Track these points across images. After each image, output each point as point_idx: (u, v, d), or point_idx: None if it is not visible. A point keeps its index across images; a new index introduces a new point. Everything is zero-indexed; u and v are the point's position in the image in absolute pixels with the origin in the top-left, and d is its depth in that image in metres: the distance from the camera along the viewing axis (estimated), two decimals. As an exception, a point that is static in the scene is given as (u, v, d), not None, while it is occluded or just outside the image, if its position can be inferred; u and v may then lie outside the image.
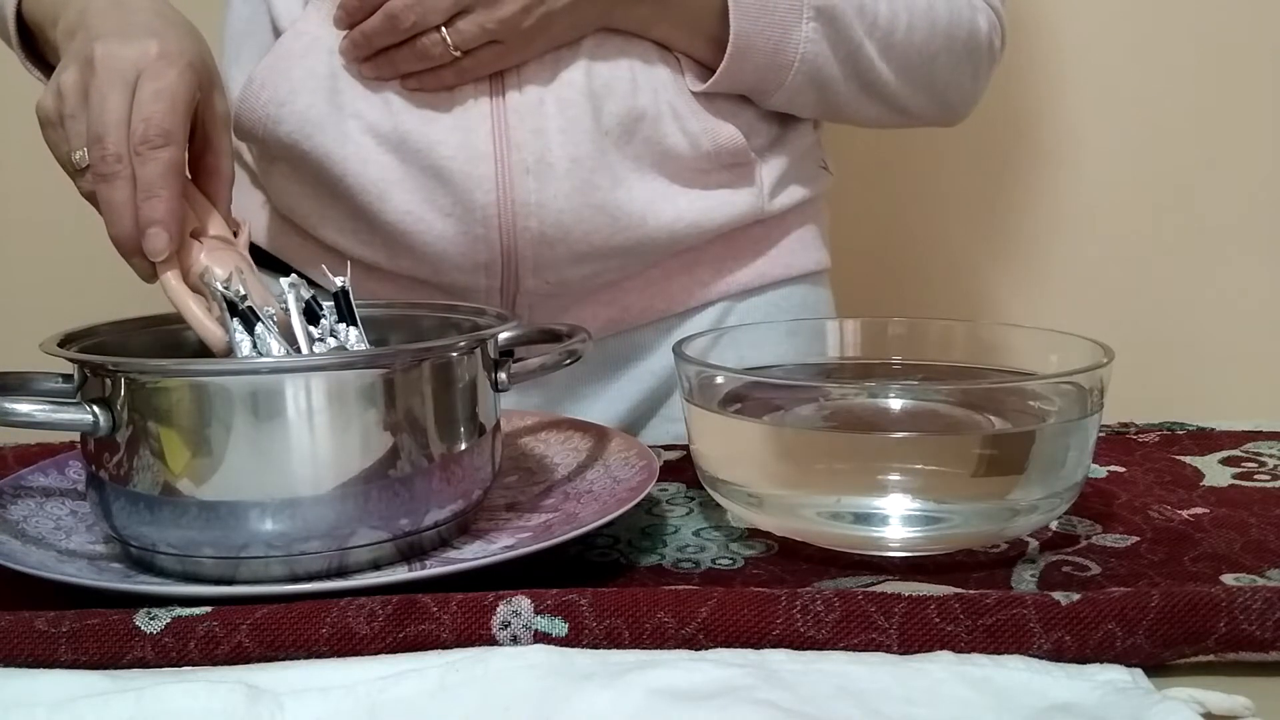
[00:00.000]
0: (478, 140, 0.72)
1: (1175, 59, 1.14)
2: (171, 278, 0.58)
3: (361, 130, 0.73)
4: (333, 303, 0.59)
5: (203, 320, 0.57)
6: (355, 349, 0.58)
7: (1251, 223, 1.16)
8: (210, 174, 0.63)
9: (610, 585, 0.51)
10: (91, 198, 0.59)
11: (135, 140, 0.57)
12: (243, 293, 0.57)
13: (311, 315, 0.58)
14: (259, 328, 0.56)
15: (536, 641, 0.45)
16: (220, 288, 0.57)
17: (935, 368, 0.66)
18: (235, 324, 0.56)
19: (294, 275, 0.59)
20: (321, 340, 0.58)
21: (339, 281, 0.59)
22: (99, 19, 0.61)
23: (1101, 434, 0.69)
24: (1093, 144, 1.17)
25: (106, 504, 0.53)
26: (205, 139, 0.62)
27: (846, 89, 0.78)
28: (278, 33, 0.76)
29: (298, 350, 0.57)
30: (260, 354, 0.56)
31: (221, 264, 0.59)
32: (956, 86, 0.82)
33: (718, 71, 0.74)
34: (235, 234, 0.62)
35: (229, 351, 0.57)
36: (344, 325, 0.59)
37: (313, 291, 0.59)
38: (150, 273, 0.59)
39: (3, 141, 1.20)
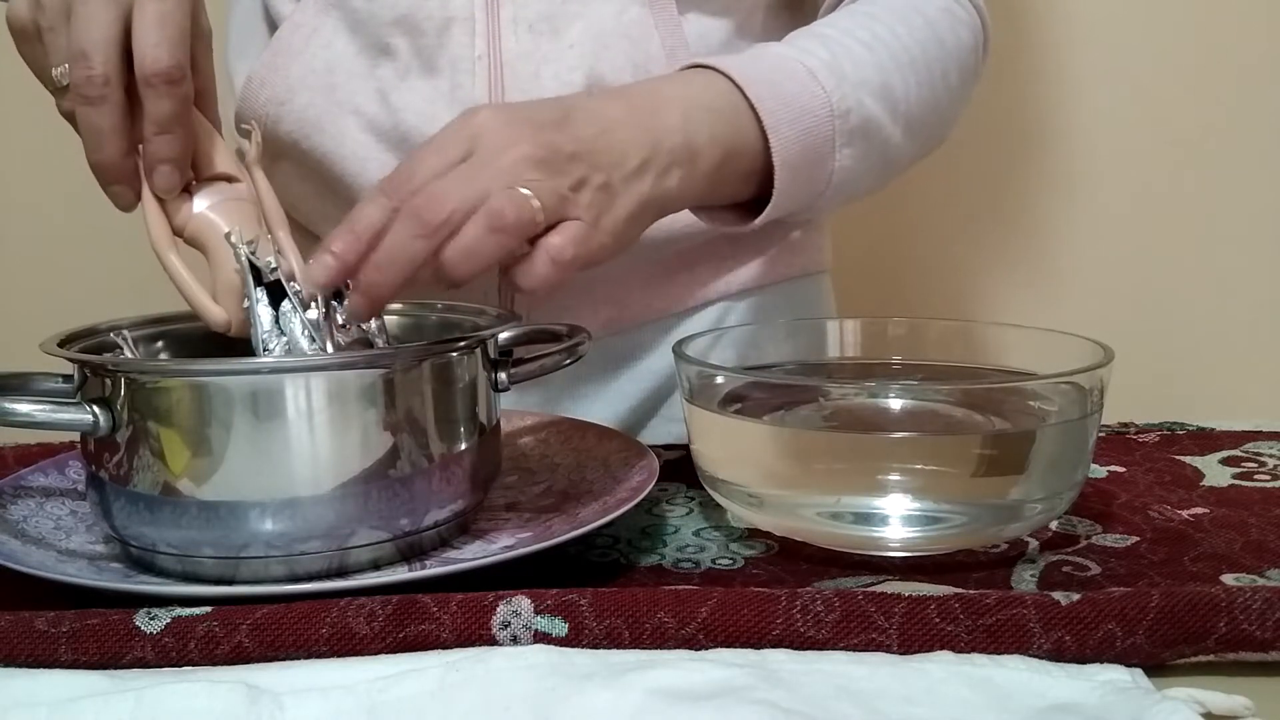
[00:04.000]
0: None
1: (1175, 59, 1.14)
2: (176, 260, 0.57)
3: (360, 128, 0.73)
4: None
5: (201, 298, 0.57)
6: (376, 339, 0.57)
7: (1251, 223, 1.16)
8: (197, 95, 0.59)
9: (610, 585, 0.51)
10: (71, 117, 0.57)
11: (149, 71, 0.54)
12: (274, 265, 0.55)
13: (336, 290, 0.56)
14: (285, 304, 0.54)
15: (536, 641, 0.45)
16: (247, 253, 0.55)
17: (935, 368, 0.66)
18: (259, 294, 0.55)
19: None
20: (344, 328, 0.56)
21: None
22: None
23: (1101, 434, 0.69)
24: (1093, 144, 1.17)
25: (106, 504, 0.53)
26: (191, 60, 0.59)
27: (868, 186, 0.73)
28: (272, 26, 0.76)
29: (318, 332, 0.56)
30: (282, 331, 0.55)
31: (246, 223, 0.57)
32: (956, 114, 0.78)
33: (759, 219, 0.66)
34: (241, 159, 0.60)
35: (228, 329, 0.57)
36: None
37: None
38: (130, 202, 0.58)
39: (3, 141, 1.20)
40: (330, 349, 0.56)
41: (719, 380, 0.60)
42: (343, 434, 0.51)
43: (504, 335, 0.61)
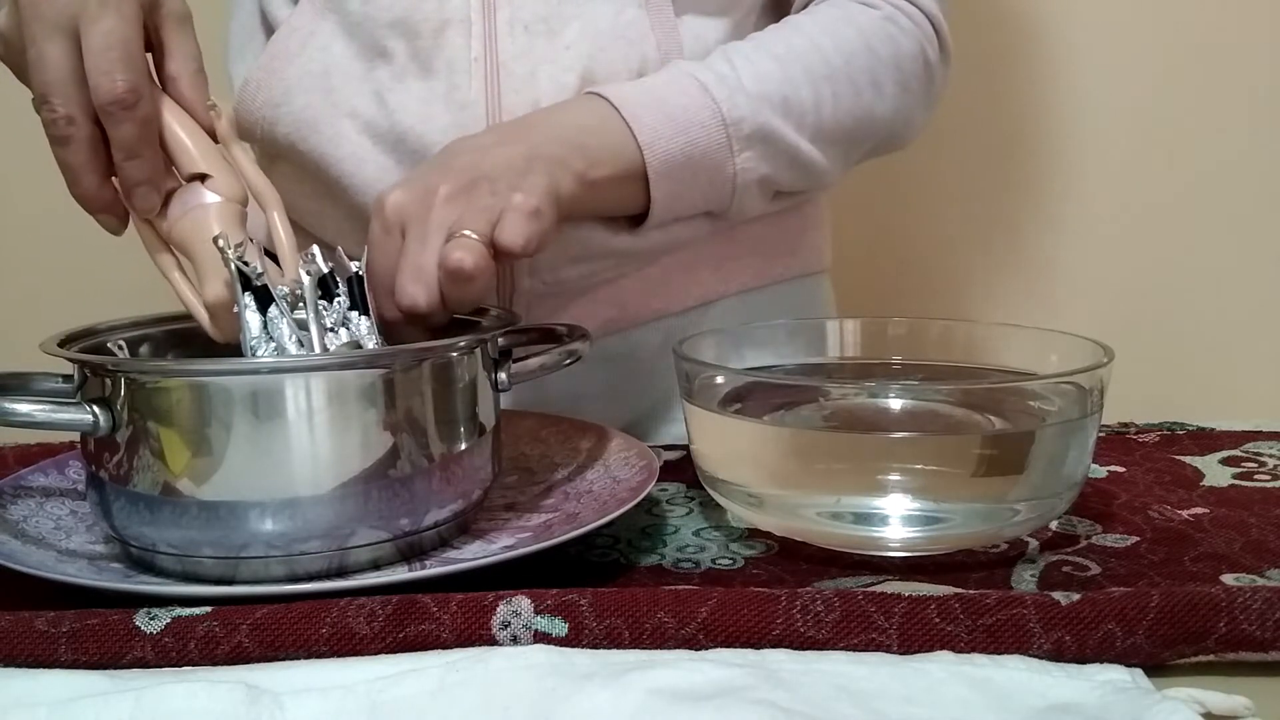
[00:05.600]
0: None
1: (1176, 59, 1.14)
2: (179, 278, 0.58)
3: (357, 130, 0.73)
4: (346, 287, 0.57)
5: (204, 314, 0.57)
6: (366, 341, 0.57)
7: (1252, 223, 1.16)
8: (173, 79, 0.59)
9: (610, 585, 0.51)
10: None
11: (103, 100, 0.54)
12: (260, 270, 0.55)
13: (325, 289, 0.57)
14: (272, 309, 0.55)
15: (536, 641, 0.45)
16: (234, 257, 0.54)
17: (935, 368, 0.66)
18: (247, 299, 0.55)
19: (314, 249, 0.57)
20: (334, 330, 0.56)
21: (354, 266, 0.57)
22: None
23: (1101, 434, 0.69)
24: (1093, 144, 1.17)
25: (106, 504, 0.53)
26: (161, 45, 0.58)
27: (792, 182, 0.76)
28: (270, 30, 0.76)
29: (307, 335, 0.56)
30: (270, 336, 0.55)
31: (228, 226, 0.57)
32: (903, 121, 0.79)
33: (645, 222, 0.73)
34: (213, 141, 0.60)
35: (225, 340, 0.57)
36: (356, 313, 0.57)
37: (331, 265, 0.57)
38: (117, 227, 0.59)
39: (2, 141, 1.20)
40: (319, 352, 0.56)
41: (719, 380, 0.60)
42: (343, 434, 0.51)
43: (504, 335, 0.61)
